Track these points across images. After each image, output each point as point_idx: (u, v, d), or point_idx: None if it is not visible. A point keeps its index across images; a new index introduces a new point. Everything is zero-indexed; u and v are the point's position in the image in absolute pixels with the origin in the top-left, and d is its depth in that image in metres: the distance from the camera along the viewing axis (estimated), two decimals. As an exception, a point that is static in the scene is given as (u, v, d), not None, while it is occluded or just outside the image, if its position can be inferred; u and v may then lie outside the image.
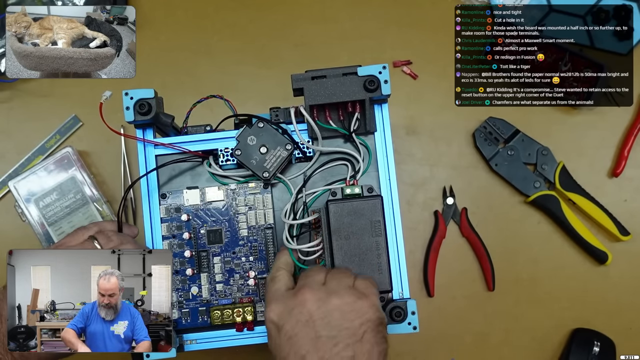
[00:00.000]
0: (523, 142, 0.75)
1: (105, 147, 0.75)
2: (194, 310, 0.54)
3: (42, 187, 0.72)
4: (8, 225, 0.74)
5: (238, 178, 0.55)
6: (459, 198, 0.75)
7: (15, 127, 0.76)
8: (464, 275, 0.74)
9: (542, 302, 0.74)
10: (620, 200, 0.75)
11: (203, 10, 0.78)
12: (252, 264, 0.55)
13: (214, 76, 0.77)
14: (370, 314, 0.43)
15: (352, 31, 0.78)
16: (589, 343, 0.71)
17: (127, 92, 0.52)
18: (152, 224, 0.54)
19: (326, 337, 0.41)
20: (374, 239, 0.48)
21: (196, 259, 0.54)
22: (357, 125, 0.53)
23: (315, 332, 0.42)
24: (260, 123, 0.53)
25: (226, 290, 0.54)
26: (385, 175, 0.54)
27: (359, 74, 0.52)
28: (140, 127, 0.55)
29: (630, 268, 0.74)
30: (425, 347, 0.73)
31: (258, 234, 0.55)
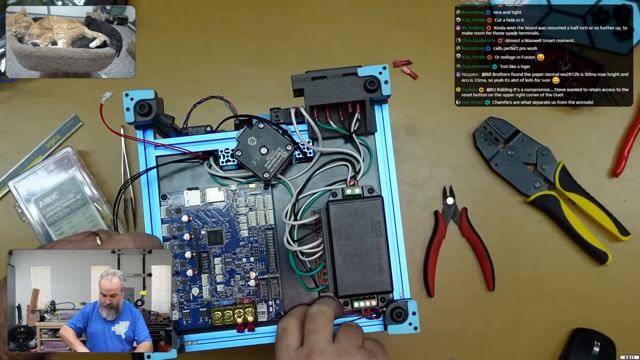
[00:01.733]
0: (523, 142, 0.75)
1: (105, 147, 0.75)
2: (194, 311, 0.54)
3: (42, 187, 0.72)
4: (8, 225, 0.74)
5: (239, 179, 0.55)
6: (459, 198, 0.75)
7: (15, 127, 0.76)
8: (464, 275, 0.74)
9: (542, 302, 0.74)
10: (620, 200, 0.75)
11: (203, 10, 0.78)
12: (252, 264, 0.55)
13: (214, 76, 0.77)
14: None
15: (352, 31, 0.78)
16: (589, 343, 0.71)
17: (128, 93, 0.52)
18: (153, 225, 0.54)
19: None
20: (375, 239, 0.48)
21: (197, 260, 0.54)
22: (358, 126, 0.53)
23: None
24: (260, 124, 0.53)
25: (227, 291, 0.54)
26: (385, 175, 0.54)
27: (359, 75, 0.52)
28: (141, 128, 0.55)
29: (630, 268, 0.74)
30: (425, 347, 0.73)
31: (259, 235, 0.55)
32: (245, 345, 0.53)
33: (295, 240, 0.52)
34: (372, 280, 0.48)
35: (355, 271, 0.48)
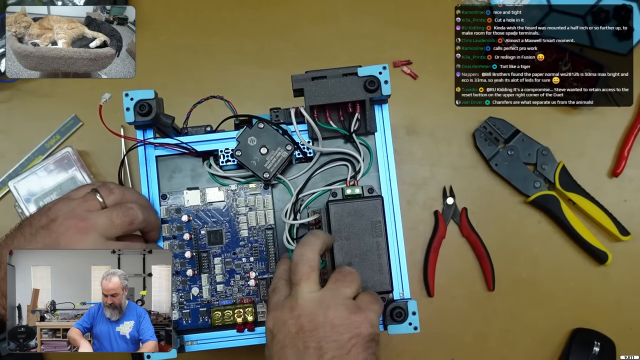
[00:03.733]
0: (523, 142, 0.75)
1: (105, 147, 0.75)
2: (194, 311, 0.54)
3: (42, 187, 0.72)
4: (8, 226, 0.73)
5: (239, 179, 0.55)
6: (459, 198, 0.75)
7: (15, 127, 0.76)
8: (464, 275, 0.74)
9: (542, 302, 0.74)
10: (620, 200, 0.75)
11: (203, 10, 0.78)
12: (252, 264, 0.55)
13: (214, 76, 0.77)
14: (362, 329, 0.43)
15: (352, 31, 0.78)
16: (589, 343, 0.71)
17: (127, 93, 0.52)
18: (153, 225, 0.54)
19: (313, 348, 0.42)
20: (375, 239, 0.48)
21: (197, 260, 0.54)
22: (358, 126, 0.53)
23: (303, 344, 0.42)
24: (260, 124, 0.53)
25: (227, 291, 0.54)
26: (385, 175, 0.54)
27: (359, 75, 0.52)
28: (141, 128, 0.55)
29: (630, 268, 0.74)
30: (425, 347, 0.73)
31: (258, 235, 0.55)
32: (245, 345, 0.53)
33: (295, 239, 0.52)
34: (372, 280, 0.48)
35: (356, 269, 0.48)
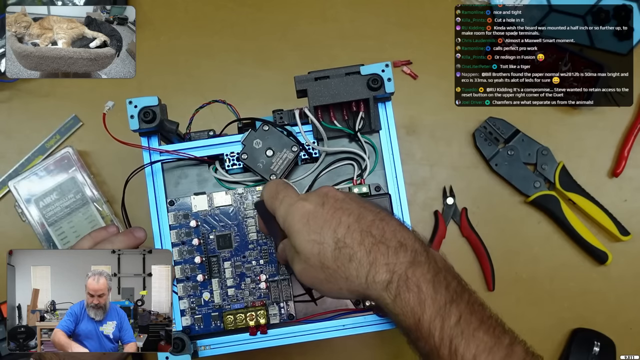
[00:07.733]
0: (523, 142, 0.75)
1: (105, 147, 0.75)
2: (206, 316, 0.54)
3: (42, 187, 0.71)
4: (8, 225, 0.74)
5: (246, 183, 0.55)
6: (459, 198, 0.75)
7: (15, 127, 0.76)
8: (464, 275, 0.73)
9: (542, 302, 0.74)
10: (620, 200, 0.75)
11: (203, 10, 0.78)
12: (262, 267, 0.54)
13: (214, 76, 0.77)
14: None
15: (352, 31, 0.78)
16: (589, 343, 0.71)
17: (131, 101, 0.52)
18: (161, 231, 0.54)
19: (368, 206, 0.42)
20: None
21: (206, 265, 0.54)
22: (362, 124, 0.53)
23: (357, 203, 0.42)
24: (265, 126, 0.53)
25: (238, 295, 0.54)
26: (391, 172, 0.54)
27: (362, 73, 0.52)
28: (145, 135, 0.54)
29: (630, 268, 0.74)
30: (425, 347, 0.73)
31: (267, 237, 0.55)
32: (258, 348, 0.52)
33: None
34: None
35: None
